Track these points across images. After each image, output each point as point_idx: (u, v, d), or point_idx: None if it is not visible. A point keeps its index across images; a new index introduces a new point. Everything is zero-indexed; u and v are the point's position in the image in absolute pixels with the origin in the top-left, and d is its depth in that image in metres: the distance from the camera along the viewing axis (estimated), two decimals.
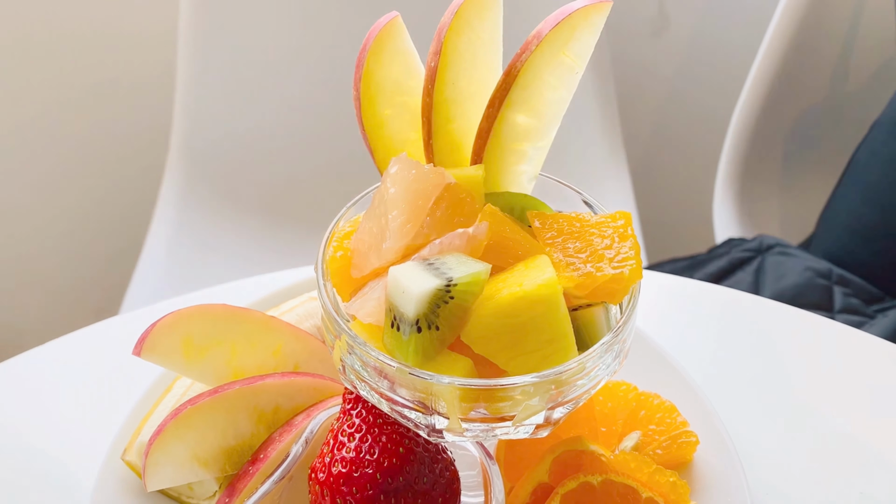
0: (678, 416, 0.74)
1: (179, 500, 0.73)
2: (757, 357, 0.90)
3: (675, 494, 0.69)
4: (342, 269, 0.65)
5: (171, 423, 0.67)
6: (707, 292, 1.00)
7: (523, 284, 0.58)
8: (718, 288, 1.02)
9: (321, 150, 1.60)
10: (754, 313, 0.96)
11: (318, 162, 1.61)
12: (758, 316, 0.96)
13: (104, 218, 1.81)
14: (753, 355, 0.90)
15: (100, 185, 1.77)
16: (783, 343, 0.92)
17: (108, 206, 1.80)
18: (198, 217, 1.56)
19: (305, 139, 1.60)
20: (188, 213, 1.55)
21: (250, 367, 0.73)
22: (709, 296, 0.99)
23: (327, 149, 1.60)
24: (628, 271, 0.61)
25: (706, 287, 1.01)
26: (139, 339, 0.69)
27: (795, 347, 0.91)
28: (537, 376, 0.58)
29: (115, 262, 1.78)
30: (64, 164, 1.73)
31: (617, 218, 0.65)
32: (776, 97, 1.63)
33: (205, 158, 1.58)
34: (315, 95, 1.57)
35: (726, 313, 0.96)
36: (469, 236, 0.60)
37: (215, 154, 1.58)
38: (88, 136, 1.72)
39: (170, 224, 1.53)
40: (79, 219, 1.78)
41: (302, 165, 1.61)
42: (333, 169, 1.60)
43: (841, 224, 1.57)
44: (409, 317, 0.57)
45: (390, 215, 0.61)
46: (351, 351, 0.61)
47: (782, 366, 0.89)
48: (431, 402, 0.60)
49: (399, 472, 0.64)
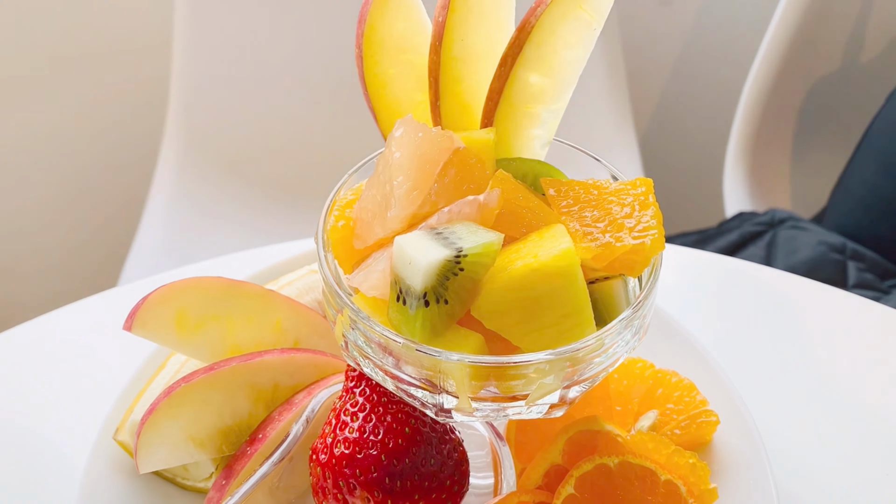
0: (697, 394, 0.71)
1: (174, 482, 0.70)
2: (776, 332, 0.87)
3: (694, 477, 0.65)
4: (344, 240, 0.62)
5: (163, 402, 0.63)
6: (721, 264, 0.96)
7: (538, 255, 0.54)
8: (732, 260, 0.98)
9: (323, 116, 1.55)
10: (771, 286, 0.92)
11: (320, 128, 1.56)
12: (775, 289, 0.92)
13: (102, 189, 1.78)
14: (772, 330, 0.87)
15: (97, 155, 1.74)
16: (802, 317, 0.88)
17: (106, 176, 1.77)
18: (196, 187, 1.52)
19: (307, 105, 1.55)
20: (187, 183, 1.51)
21: (248, 343, 0.70)
22: (723, 267, 0.96)
23: (330, 115, 1.55)
24: (650, 241, 0.57)
25: (719, 259, 0.97)
26: (130, 313, 0.65)
27: (815, 321, 0.88)
28: (552, 353, 0.54)
29: (114, 233, 1.75)
30: (61, 136, 1.70)
31: (637, 185, 0.61)
32: (789, 67, 1.59)
33: (203, 126, 1.54)
34: (317, 58, 1.53)
35: (741, 286, 0.93)
36: (480, 204, 0.56)
37: (214, 122, 1.54)
38: (85, 105, 1.69)
39: (168, 194, 1.49)
40: (76, 190, 1.75)
41: (303, 133, 1.57)
42: (337, 136, 1.56)
43: (855, 197, 1.54)
44: (416, 290, 0.53)
45: (395, 182, 0.57)
46: (354, 326, 0.58)
47: (802, 340, 0.86)
48: (439, 380, 0.56)
49: (405, 453, 0.60)
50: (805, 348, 0.85)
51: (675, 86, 1.94)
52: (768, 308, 0.89)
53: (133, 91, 1.71)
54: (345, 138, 1.55)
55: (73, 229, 1.78)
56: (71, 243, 1.79)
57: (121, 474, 0.69)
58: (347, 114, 1.52)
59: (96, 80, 1.67)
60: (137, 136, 1.73)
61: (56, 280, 1.79)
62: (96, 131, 1.73)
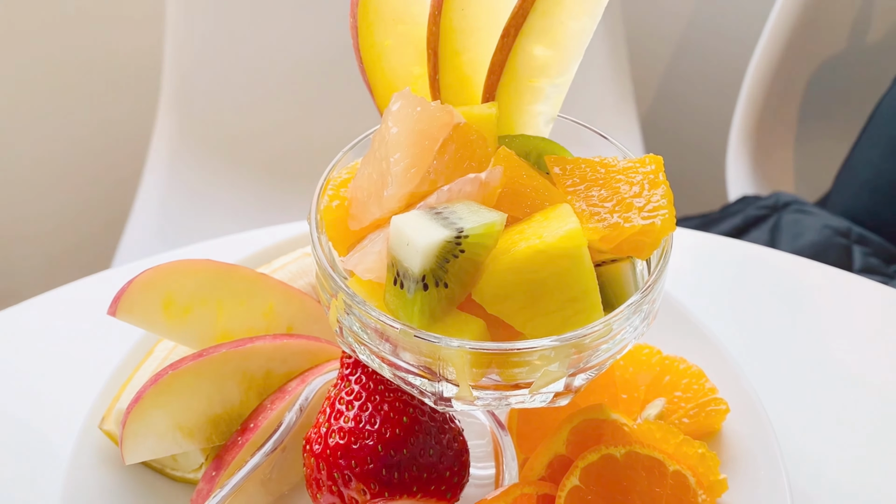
0: (706, 381, 0.68)
1: (163, 473, 0.67)
2: (786, 317, 0.84)
3: (703, 467, 0.63)
4: (338, 221, 0.59)
5: (150, 390, 0.60)
6: (727, 246, 0.93)
7: (543, 236, 0.51)
8: (739, 242, 0.96)
9: (319, 95, 1.52)
10: (780, 269, 0.90)
11: (316, 108, 1.53)
12: (784, 272, 0.89)
13: (95, 171, 1.74)
14: (782, 315, 0.84)
15: (90, 136, 1.71)
16: (812, 301, 0.86)
17: (99, 158, 1.74)
18: (191, 168, 1.49)
19: (302, 84, 1.52)
20: (180, 164, 1.48)
21: (238, 329, 0.67)
22: (729, 250, 0.93)
23: (326, 94, 1.52)
24: (660, 222, 0.54)
25: (726, 241, 0.94)
26: (114, 297, 0.62)
27: (826, 305, 0.85)
28: (558, 339, 0.51)
29: (107, 217, 1.72)
30: (52, 120, 1.67)
31: (646, 162, 0.58)
32: (794, 48, 1.56)
33: (197, 107, 1.50)
34: (312, 36, 1.49)
35: (749, 269, 0.90)
36: (481, 182, 0.53)
37: (207, 103, 1.51)
38: (76, 89, 1.65)
39: (162, 176, 1.46)
40: (69, 172, 1.72)
41: (299, 113, 1.54)
42: (333, 116, 1.52)
43: (860, 180, 1.52)
44: (415, 272, 0.50)
45: (392, 159, 0.54)
46: (349, 311, 0.55)
47: (813, 325, 0.83)
48: (439, 367, 0.53)
49: (403, 443, 0.58)
50: (816, 333, 0.82)
51: (677, 67, 1.90)
52: (778, 292, 0.87)
53: (125, 72, 1.68)
54: (341, 118, 1.52)
55: (65, 212, 1.75)
56: (63, 227, 1.76)
57: (107, 465, 0.66)
58: (344, 93, 1.49)
59: (87, 62, 1.64)
60: (130, 117, 1.70)
61: (48, 264, 1.77)
62: (88, 114, 1.69)
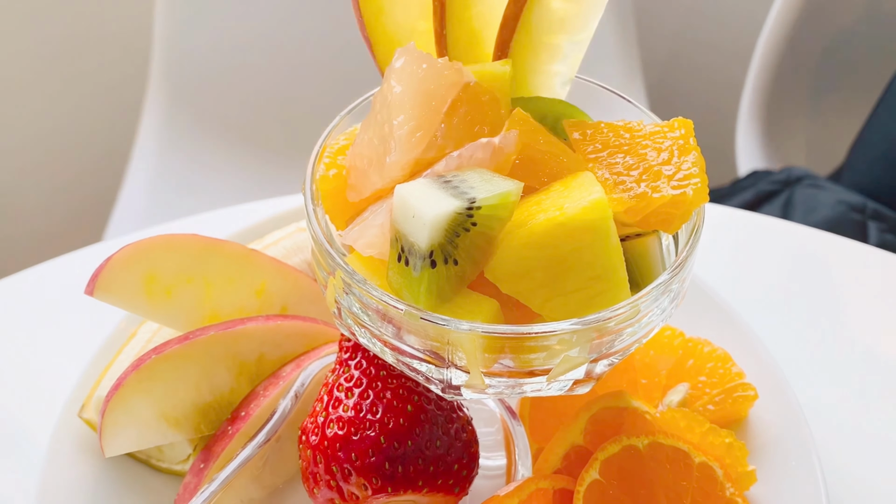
0: (733, 365, 0.64)
1: (148, 464, 0.62)
2: (814, 295, 0.79)
3: (730, 458, 0.58)
4: (336, 191, 0.54)
5: (132, 376, 0.55)
6: (746, 221, 0.88)
7: (564, 208, 0.46)
8: (758, 216, 0.91)
9: (317, 61, 1.46)
10: (801, 244, 0.85)
11: (311, 81, 1.47)
12: (808, 247, 0.84)
13: (85, 146, 1.69)
14: (809, 293, 0.79)
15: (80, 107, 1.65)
16: (837, 277, 0.81)
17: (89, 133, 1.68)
18: (181, 144, 1.43)
19: (295, 56, 1.46)
20: (171, 140, 1.43)
21: (228, 310, 0.62)
22: (752, 224, 0.88)
23: (321, 66, 1.46)
24: (692, 192, 0.49)
25: (744, 215, 0.89)
26: (92, 275, 0.57)
27: (854, 282, 0.80)
28: (579, 322, 0.46)
29: (96, 195, 1.67)
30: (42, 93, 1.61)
31: (675, 126, 0.53)
32: (807, 16, 1.51)
33: (188, 80, 1.45)
34: (305, 6, 1.42)
35: (770, 244, 0.85)
36: (495, 148, 0.48)
37: (198, 76, 1.45)
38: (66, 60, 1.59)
39: (152, 152, 1.41)
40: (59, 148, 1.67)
41: (293, 86, 1.48)
42: (329, 88, 1.46)
43: (875, 154, 1.47)
44: (421, 248, 0.45)
45: (395, 121, 0.49)
46: (348, 290, 0.50)
47: (840, 302, 0.78)
48: (447, 352, 0.48)
49: (407, 434, 0.53)
50: (845, 312, 0.77)
51: (686, 36, 1.84)
52: (801, 269, 0.82)
53: (114, 48, 1.62)
54: (339, 91, 1.45)
55: (53, 191, 1.70)
56: (51, 205, 1.71)
57: (87, 456, 0.61)
58: (341, 66, 1.43)
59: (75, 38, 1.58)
60: (120, 92, 1.64)
61: (36, 242, 1.71)
62: (77, 89, 1.64)
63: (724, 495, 0.56)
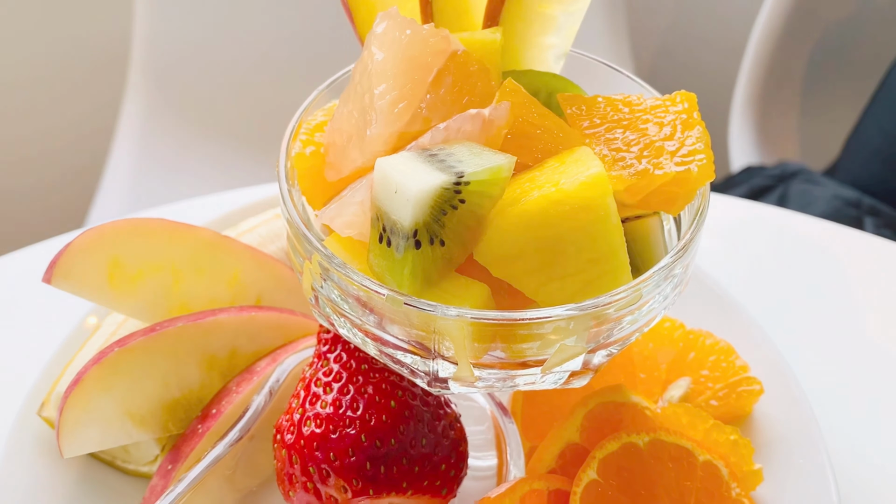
0: (737, 358, 0.60)
1: (113, 465, 0.58)
2: (814, 284, 0.76)
3: (736, 456, 0.55)
4: (313, 171, 0.50)
5: (93, 370, 0.51)
6: (749, 211, 0.85)
7: (560, 184, 0.43)
8: (758, 204, 0.88)
9: (296, 58, 1.42)
10: (803, 233, 0.82)
11: (293, 71, 1.43)
12: (808, 236, 0.81)
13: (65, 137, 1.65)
14: (813, 283, 0.76)
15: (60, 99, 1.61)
16: (842, 266, 0.78)
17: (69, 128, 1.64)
18: (162, 135, 1.39)
19: (278, 42, 1.42)
20: (151, 131, 1.39)
21: (198, 300, 0.58)
22: (752, 214, 0.85)
23: (303, 55, 1.42)
24: (696, 168, 0.46)
25: (744, 204, 0.86)
26: (51, 261, 0.53)
27: (859, 272, 0.77)
28: (576, 308, 0.43)
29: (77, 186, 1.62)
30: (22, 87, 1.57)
31: (678, 100, 0.50)
32: (801, 9, 1.49)
33: (168, 71, 1.40)
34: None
35: (774, 234, 0.82)
36: (484, 120, 0.45)
37: (179, 66, 1.41)
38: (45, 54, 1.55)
39: (132, 144, 1.38)
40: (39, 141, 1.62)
41: (275, 76, 1.44)
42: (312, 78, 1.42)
43: (871, 149, 1.45)
44: (405, 226, 0.42)
45: (376, 91, 0.45)
46: (325, 276, 0.46)
47: (844, 293, 0.75)
48: (433, 342, 0.45)
49: (391, 432, 0.49)
50: (850, 303, 0.74)
51: (678, 27, 1.81)
52: (807, 259, 0.79)
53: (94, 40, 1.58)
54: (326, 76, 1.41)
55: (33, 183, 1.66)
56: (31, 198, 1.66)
57: (46, 457, 0.57)
58: (323, 55, 1.38)
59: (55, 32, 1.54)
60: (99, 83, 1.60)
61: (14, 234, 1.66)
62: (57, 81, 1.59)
63: (729, 496, 0.53)
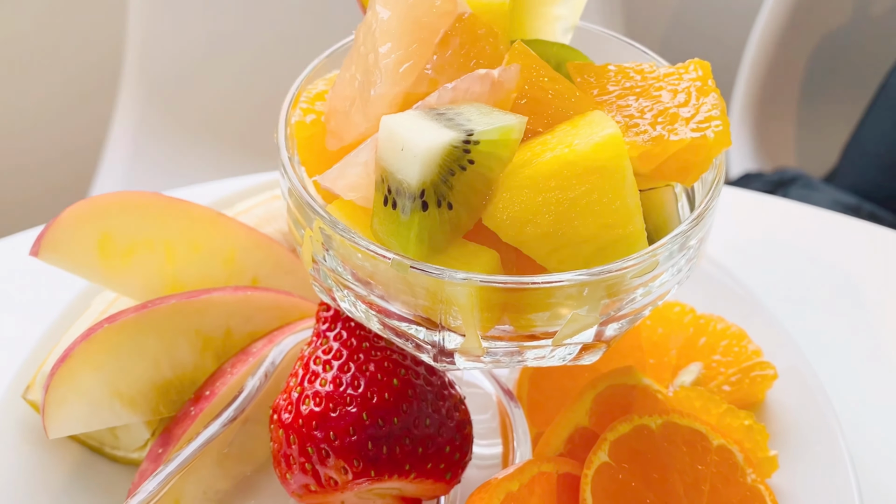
0: (749, 342, 0.58)
1: (101, 452, 0.56)
2: (825, 272, 0.74)
3: (750, 442, 0.53)
4: (314, 139, 0.48)
5: (80, 346, 0.49)
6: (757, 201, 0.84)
7: (574, 145, 0.41)
8: (768, 197, 0.86)
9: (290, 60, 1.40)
10: (815, 225, 0.80)
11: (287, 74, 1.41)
12: (821, 228, 0.80)
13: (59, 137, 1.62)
14: (821, 271, 0.74)
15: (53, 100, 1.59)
16: (852, 256, 0.76)
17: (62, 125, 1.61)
18: (154, 137, 1.37)
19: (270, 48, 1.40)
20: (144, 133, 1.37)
21: (192, 279, 0.56)
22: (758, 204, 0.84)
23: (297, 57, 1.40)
24: (713, 135, 0.44)
25: (752, 196, 0.85)
26: (39, 234, 0.51)
27: (869, 262, 0.75)
28: (588, 274, 0.41)
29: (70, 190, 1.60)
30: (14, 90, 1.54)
31: (691, 69, 0.48)
32: (798, 15, 1.49)
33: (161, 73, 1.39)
34: None
35: (779, 224, 0.81)
36: (494, 81, 0.43)
37: (172, 68, 1.39)
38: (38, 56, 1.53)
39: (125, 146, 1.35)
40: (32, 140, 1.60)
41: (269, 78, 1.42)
42: None
43: (870, 154, 1.44)
44: (412, 185, 0.40)
45: (381, 49, 0.43)
46: (327, 245, 0.44)
47: (861, 284, 0.73)
48: (440, 313, 0.43)
49: (393, 411, 0.47)
50: (861, 289, 0.72)
51: (675, 35, 1.81)
52: (814, 248, 0.77)
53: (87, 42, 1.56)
54: None
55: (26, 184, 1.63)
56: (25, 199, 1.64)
57: (32, 443, 0.55)
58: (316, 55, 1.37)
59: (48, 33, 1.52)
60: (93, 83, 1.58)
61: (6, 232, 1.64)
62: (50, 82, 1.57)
63: (745, 482, 0.50)
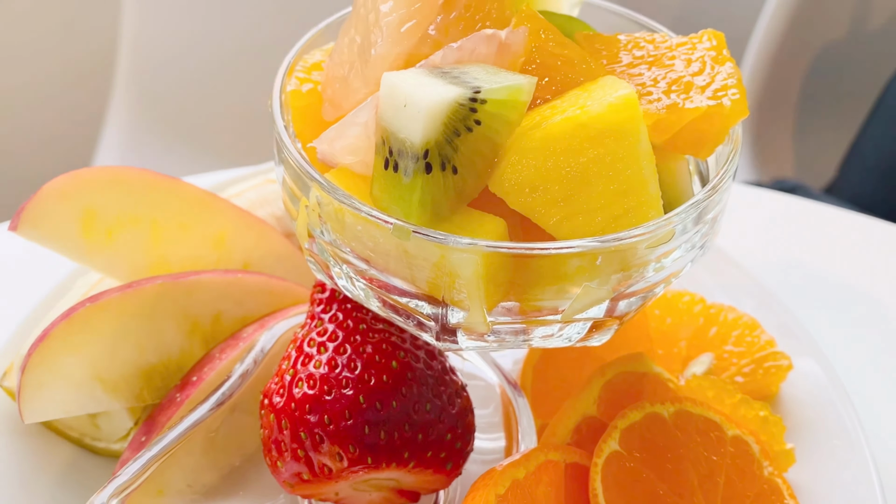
0: (762, 332, 0.56)
1: (81, 443, 0.52)
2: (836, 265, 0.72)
3: (766, 434, 0.50)
4: (310, 109, 0.46)
5: (60, 326, 0.46)
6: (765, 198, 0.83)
7: (587, 107, 0.39)
8: (777, 194, 0.86)
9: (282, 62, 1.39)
10: (828, 220, 0.79)
11: None
12: (834, 223, 0.79)
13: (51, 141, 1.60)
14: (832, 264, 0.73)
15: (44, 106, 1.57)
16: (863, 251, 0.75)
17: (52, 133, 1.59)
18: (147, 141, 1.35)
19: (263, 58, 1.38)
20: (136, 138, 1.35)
21: (181, 259, 0.53)
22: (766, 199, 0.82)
23: None
24: (729, 103, 0.42)
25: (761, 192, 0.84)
26: (19, 207, 0.48)
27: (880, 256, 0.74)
28: (598, 241, 0.38)
29: None
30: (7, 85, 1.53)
31: (704, 38, 0.46)
32: (795, 28, 1.48)
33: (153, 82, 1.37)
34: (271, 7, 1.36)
35: (788, 219, 0.79)
36: (500, 43, 0.41)
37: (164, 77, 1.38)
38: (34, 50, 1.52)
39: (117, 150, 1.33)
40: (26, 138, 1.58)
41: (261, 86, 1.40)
42: None
43: (869, 166, 1.44)
44: (415, 144, 0.37)
45: (383, 8, 0.41)
46: (324, 215, 0.41)
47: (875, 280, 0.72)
48: (443, 286, 0.40)
49: (392, 394, 0.44)
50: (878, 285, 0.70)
51: None
52: (826, 244, 0.76)
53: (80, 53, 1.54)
54: None
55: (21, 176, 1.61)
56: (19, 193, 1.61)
57: (9, 434, 0.51)
58: None
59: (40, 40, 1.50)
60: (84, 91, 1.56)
61: None
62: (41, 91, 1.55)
63: (761, 475, 0.48)
